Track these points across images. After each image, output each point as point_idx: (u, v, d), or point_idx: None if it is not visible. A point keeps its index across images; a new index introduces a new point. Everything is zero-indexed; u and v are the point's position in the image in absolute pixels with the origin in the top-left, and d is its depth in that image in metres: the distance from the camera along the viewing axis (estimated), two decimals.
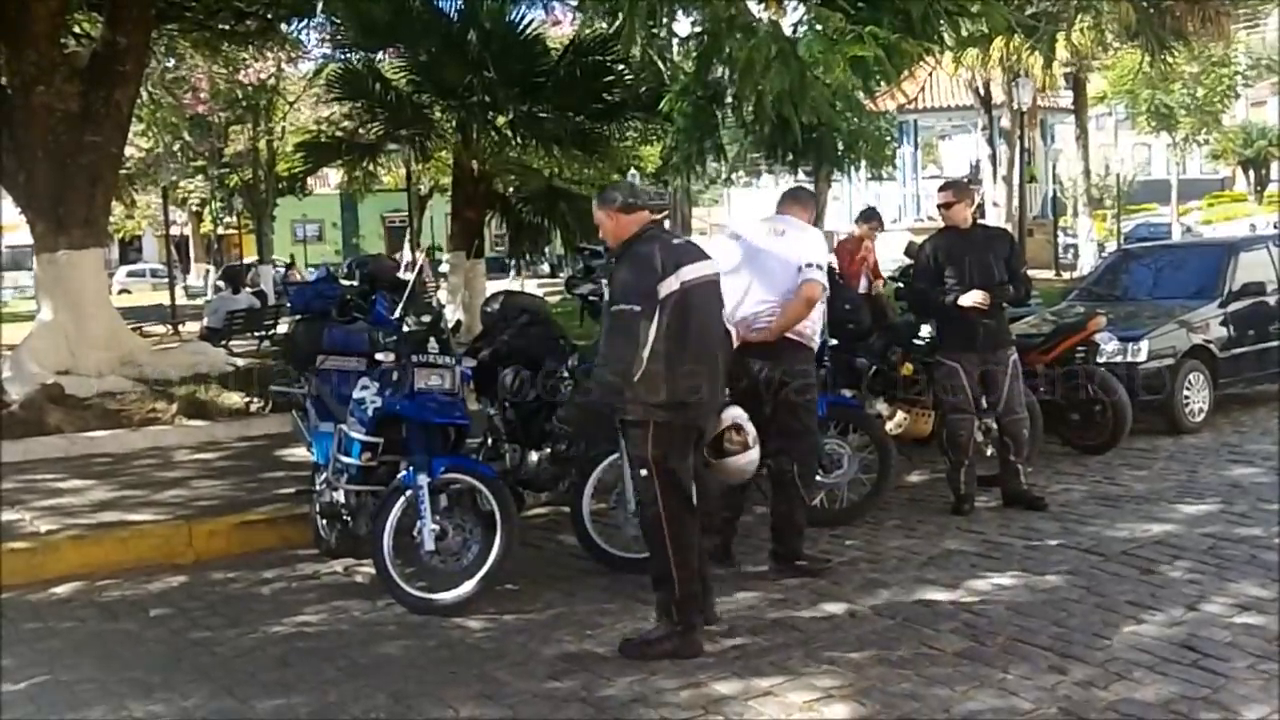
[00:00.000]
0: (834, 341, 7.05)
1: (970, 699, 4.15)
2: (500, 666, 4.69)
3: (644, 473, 4.76)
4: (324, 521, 6.16)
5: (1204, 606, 5.04)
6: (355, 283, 6.68)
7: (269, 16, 14.70)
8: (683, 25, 10.78)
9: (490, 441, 6.54)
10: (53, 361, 10.57)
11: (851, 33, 6.97)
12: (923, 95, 34.58)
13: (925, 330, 7.60)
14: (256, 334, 18.81)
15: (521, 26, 14.37)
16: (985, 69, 28.51)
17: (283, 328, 17.87)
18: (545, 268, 38.51)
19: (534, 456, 6.26)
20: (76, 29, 13.08)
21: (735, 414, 5.12)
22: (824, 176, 18.35)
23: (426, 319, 5.84)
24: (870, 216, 11.27)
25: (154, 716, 4.34)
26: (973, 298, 6.88)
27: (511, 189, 16.18)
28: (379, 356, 5.77)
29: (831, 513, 6.77)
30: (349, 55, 15.71)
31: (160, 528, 6.78)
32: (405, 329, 5.76)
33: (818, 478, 6.74)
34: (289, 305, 10.90)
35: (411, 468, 5.48)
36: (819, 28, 7.14)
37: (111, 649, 5.13)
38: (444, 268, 16.14)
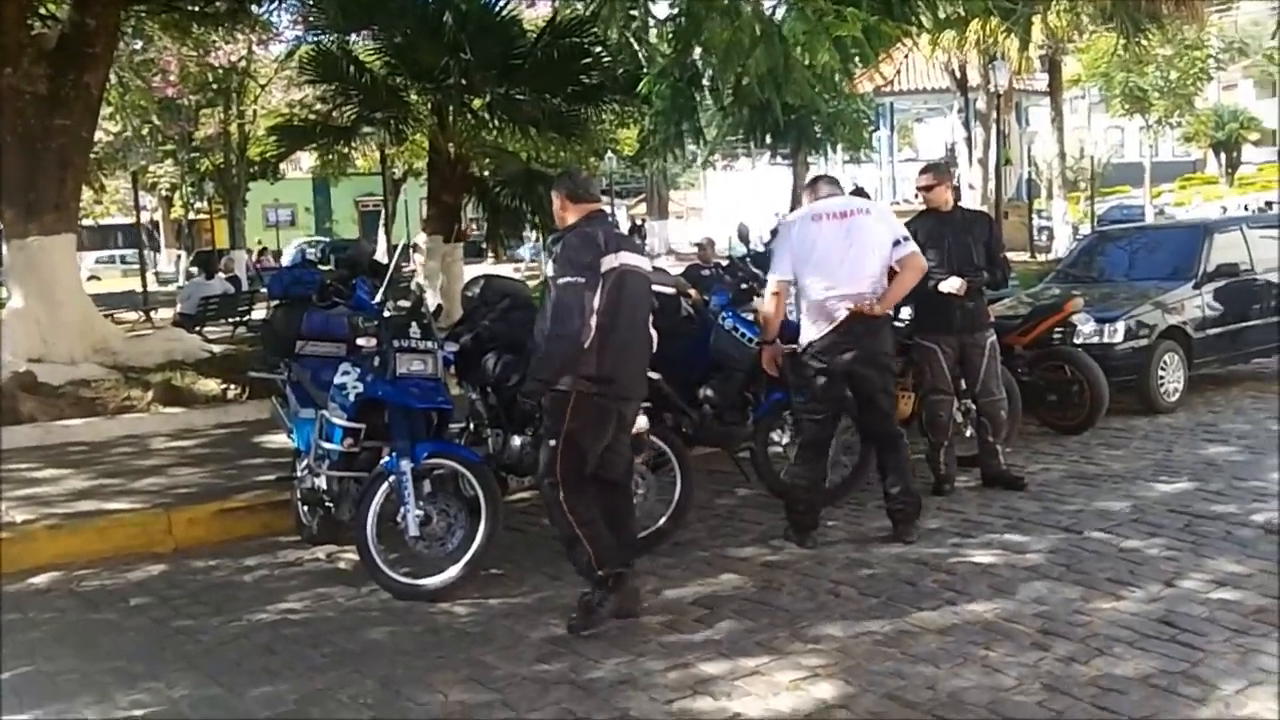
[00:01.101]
0: None
1: (955, 676, 4.19)
2: (487, 650, 4.70)
3: (552, 443, 4.89)
4: (305, 508, 6.16)
5: (1181, 583, 5.10)
6: (331, 266, 6.66)
7: None
8: (660, 7, 10.74)
9: (473, 426, 6.53)
10: (25, 349, 10.47)
11: (833, 13, 6.96)
12: (899, 78, 34.63)
13: (905, 312, 7.62)
14: (231, 320, 18.71)
15: (498, 8, 14.27)
16: (962, 51, 28.60)
17: (258, 313, 17.79)
18: (524, 252, 38.35)
19: (517, 441, 6.25)
20: (43, 10, 12.90)
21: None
22: (802, 159, 18.39)
23: (407, 304, 5.83)
24: (862, 196, 11.27)
25: (139, 705, 4.32)
26: (951, 285, 6.91)
27: (488, 172, 16.10)
28: (360, 341, 5.74)
29: None
30: (322, 37, 15.53)
31: (139, 516, 6.74)
32: (386, 314, 5.74)
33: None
34: (267, 291, 10.84)
35: (394, 453, 5.46)
36: (801, 7, 7.12)
37: (93, 639, 5.10)
38: (420, 241, 16.01)
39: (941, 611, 4.89)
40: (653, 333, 5.34)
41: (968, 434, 7.48)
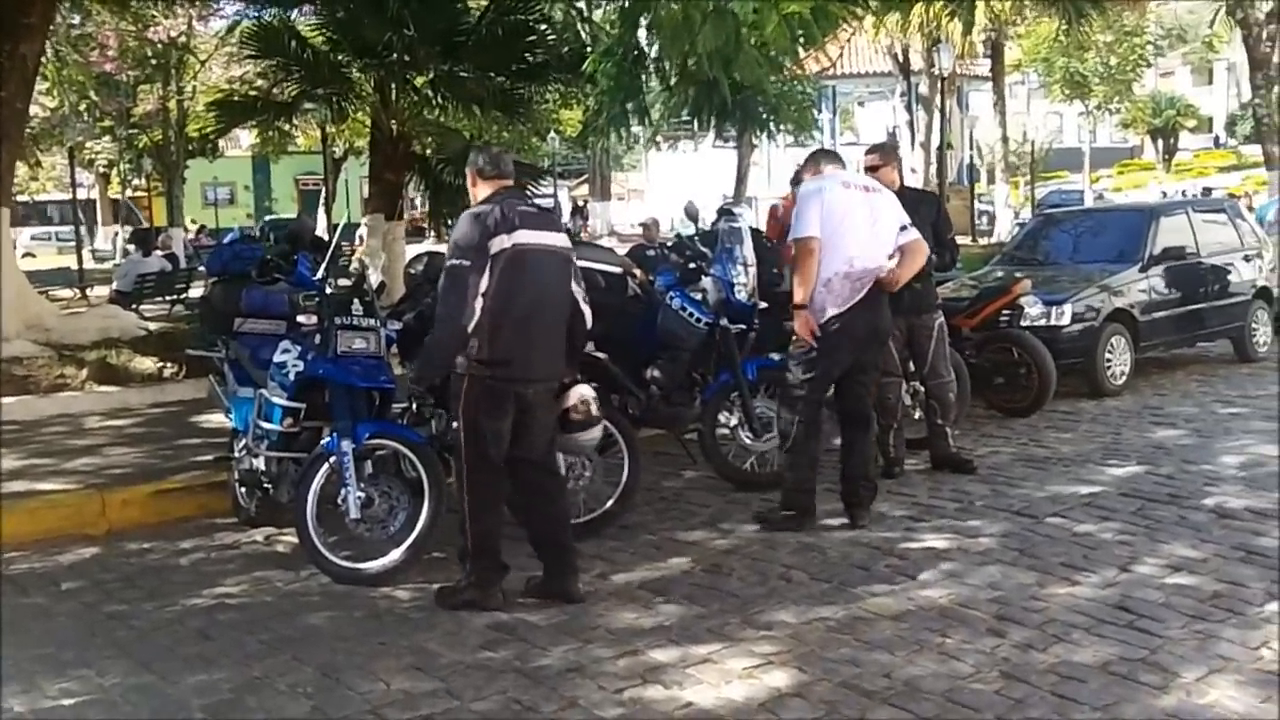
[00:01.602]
0: (764, 305, 6.99)
1: (911, 663, 4.12)
2: (431, 637, 4.56)
3: (455, 426, 4.90)
4: (243, 489, 5.99)
5: (1136, 568, 5.07)
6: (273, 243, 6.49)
7: None
8: None
9: (416, 406, 6.37)
10: None
11: None
12: (841, 61, 34.73)
13: None
14: (168, 298, 18.38)
15: None
16: (905, 35, 28.71)
17: (195, 291, 17.47)
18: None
19: None
20: None
21: (582, 391, 5.27)
22: (747, 141, 18.33)
23: (349, 281, 5.67)
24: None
25: (68, 694, 4.14)
26: None
27: (431, 150, 15.87)
28: (300, 319, 5.57)
29: (763, 476, 6.73)
30: (263, 12, 15.21)
31: (71, 497, 6.54)
32: (328, 290, 5.57)
33: (748, 441, 6.75)
34: (205, 267, 10.60)
35: (335, 433, 5.31)
36: None
37: (21, 624, 4.89)
38: (362, 230, 15.78)
39: (895, 597, 4.83)
40: (585, 310, 5.17)
41: (916, 416, 7.45)
